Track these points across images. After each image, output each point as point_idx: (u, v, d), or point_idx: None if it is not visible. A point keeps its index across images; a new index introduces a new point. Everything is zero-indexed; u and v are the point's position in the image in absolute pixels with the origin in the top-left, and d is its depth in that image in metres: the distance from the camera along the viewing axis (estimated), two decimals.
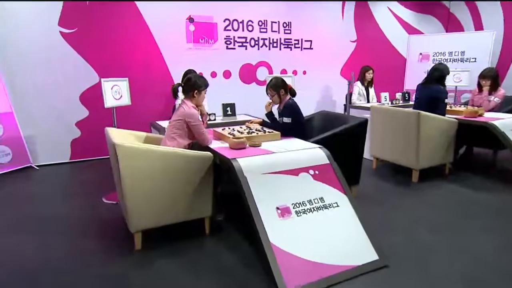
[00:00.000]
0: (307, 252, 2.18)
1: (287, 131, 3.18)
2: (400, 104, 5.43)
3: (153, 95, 5.42)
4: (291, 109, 3.19)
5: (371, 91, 5.93)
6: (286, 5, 6.22)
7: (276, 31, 6.22)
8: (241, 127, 3.36)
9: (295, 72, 6.55)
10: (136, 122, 4.30)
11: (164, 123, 3.86)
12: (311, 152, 2.73)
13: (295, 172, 2.52)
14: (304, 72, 6.67)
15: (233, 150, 2.71)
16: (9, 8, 4.45)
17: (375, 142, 4.44)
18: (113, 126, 4.01)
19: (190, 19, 5.47)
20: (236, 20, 5.85)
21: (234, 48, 5.94)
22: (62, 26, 4.75)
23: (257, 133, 3.04)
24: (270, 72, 6.33)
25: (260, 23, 6.06)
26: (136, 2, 5.10)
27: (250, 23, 5.97)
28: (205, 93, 2.93)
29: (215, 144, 2.93)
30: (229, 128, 3.30)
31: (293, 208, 2.36)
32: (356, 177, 3.46)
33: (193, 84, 2.83)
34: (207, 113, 3.11)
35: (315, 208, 2.41)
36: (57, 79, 4.79)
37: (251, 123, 3.54)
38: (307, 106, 6.67)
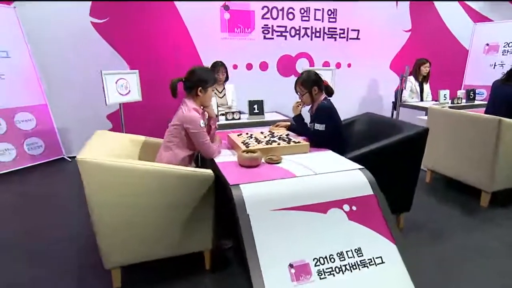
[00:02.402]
0: None
1: (319, 141, 2.23)
2: (462, 104, 4.15)
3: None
4: (326, 113, 2.22)
5: (426, 87, 4.67)
6: None
7: (319, 20, 5.13)
8: (262, 133, 2.47)
9: (338, 65, 5.44)
10: (164, 119, 3.59)
11: None
12: (348, 176, 1.77)
13: (322, 207, 1.60)
14: (349, 65, 5.53)
15: (243, 167, 1.85)
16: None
17: (432, 151, 3.28)
18: (121, 125, 3.36)
19: (225, 7, 4.60)
20: (276, 8, 4.86)
21: (272, 38, 4.98)
22: (93, 16, 4.16)
23: (278, 143, 2.13)
24: (311, 64, 5.30)
25: (302, 11, 5.01)
26: None
27: (291, 10, 4.95)
28: (213, 90, 2.07)
29: (223, 156, 2.08)
30: (247, 134, 2.43)
31: (315, 265, 1.45)
32: (407, 203, 2.42)
33: (197, 79, 1.98)
34: (216, 116, 2.25)
35: (348, 266, 1.49)
36: (89, 71, 4.21)
37: (276, 126, 2.64)
38: (350, 102, 5.58)
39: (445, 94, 4.12)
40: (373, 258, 1.53)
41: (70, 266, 2.09)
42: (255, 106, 3.26)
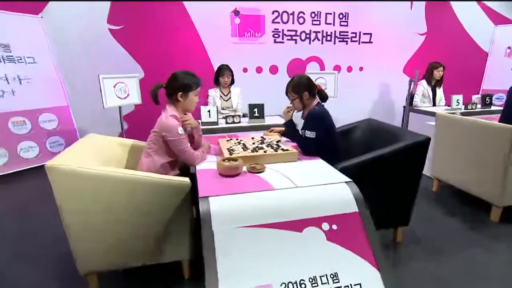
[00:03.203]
0: None
1: (309, 149, 1.99)
2: (477, 110, 3.70)
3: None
4: (316, 120, 1.97)
5: (439, 92, 4.23)
6: None
7: (330, 24, 4.81)
8: (252, 138, 2.25)
9: (349, 69, 5.09)
10: None
11: None
12: (332, 191, 1.52)
13: (297, 225, 1.37)
14: (361, 69, 5.15)
15: (222, 176, 1.65)
16: (64, 9, 3.95)
17: (439, 159, 2.93)
18: (121, 127, 3.26)
19: (236, 12, 4.41)
20: (286, 12, 4.60)
21: (282, 42, 4.72)
22: (111, 24, 4.11)
23: (265, 151, 1.91)
24: (322, 68, 4.99)
25: (313, 15, 4.71)
26: None
27: (301, 14, 4.67)
28: (196, 95, 1.88)
29: (208, 163, 1.89)
30: (237, 139, 2.22)
31: None
32: (405, 217, 2.12)
33: (177, 85, 1.80)
34: (199, 123, 2.05)
35: None
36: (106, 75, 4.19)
37: (271, 131, 2.42)
38: (361, 106, 5.21)
39: (458, 99, 3.69)
40: (350, 285, 1.29)
41: (51, 270, 1.96)
42: (255, 110, 3.05)
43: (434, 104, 4.19)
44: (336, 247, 1.35)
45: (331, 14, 4.75)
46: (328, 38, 4.86)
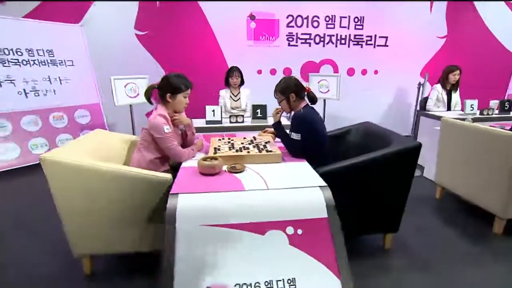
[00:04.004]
0: None
1: (294, 151, 1.89)
2: (493, 116, 3.32)
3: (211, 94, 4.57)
4: (300, 122, 1.86)
5: (455, 96, 3.85)
6: None
7: (345, 27, 4.57)
8: (244, 138, 2.19)
9: (364, 72, 4.81)
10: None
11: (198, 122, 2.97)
12: (304, 194, 1.41)
13: (260, 228, 1.29)
14: (376, 72, 4.85)
15: (203, 175, 1.61)
16: (99, 18, 4.15)
17: (443, 166, 2.65)
18: (132, 124, 3.33)
19: (251, 17, 4.34)
20: (300, 16, 4.45)
21: (296, 45, 4.58)
22: (137, 29, 4.24)
23: (248, 151, 1.83)
24: (336, 70, 4.77)
25: (327, 19, 4.50)
26: (200, 2, 4.21)
27: (315, 18, 4.48)
28: (185, 97, 1.85)
29: (194, 161, 1.85)
30: (229, 139, 2.16)
31: None
32: (394, 224, 1.93)
33: (167, 86, 1.78)
34: (191, 122, 2.01)
35: None
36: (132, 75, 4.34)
37: (264, 132, 2.33)
38: (376, 108, 4.91)
39: (472, 104, 3.32)
40: None
41: (48, 252, 2.01)
42: (258, 111, 2.97)
43: (449, 109, 3.83)
44: (298, 252, 1.26)
45: (346, 18, 4.51)
46: (343, 41, 4.63)
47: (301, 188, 1.44)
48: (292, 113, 1.94)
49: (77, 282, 1.74)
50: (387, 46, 4.72)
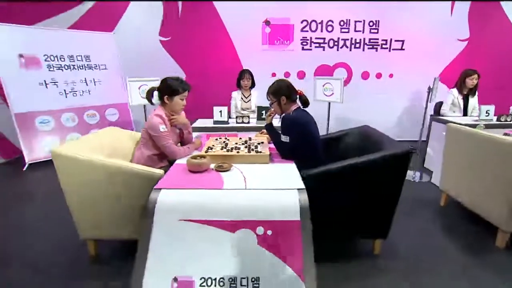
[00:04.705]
0: None
1: (283, 153, 1.84)
2: (509, 123, 2.97)
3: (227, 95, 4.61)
4: (288, 125, 1.80)
5: (472, 101, 3.52)
6: (374, 2, 4.24)
7: (359, 31, 4.37)
8: (240, 139, 2.17)
9: (379, 75, 4.57)
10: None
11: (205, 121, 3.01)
12: (280, 196, 1.37)
13: (231, 226, 1.27)
14: (391, 75, 4.58)
15: (191, 172, 1.62)
16: (130, 26, 4.36)
17: (448, 173, 2.44)
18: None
19: (267, 22, 4.29)
20: (315, 21, 4.32)
21: (310, 49, 4.46)
22: (161, 36, 4.39)
23: (238, 151, 1.82)
24: (350, 74, 4.58)
25: (342, 23, 4.33)
26: (217, 8, 4.26)
27: (330, 23, 4.33)
28: (182, 99, 1.87)
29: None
30: (226, 138, 2.16)
31: (200, 285, 1.16)
32: (383, 230, 1.80)
33: (165, 89, 1.82)
34: (187, 123, 2.03)
35: None
36: (157, 78, 4.50)
37: (261, 133, 2.30)
38: (390, 112, 4.64)
39: (488, 110, 3.01)
40: None
41: (56, 236, 2.11)
42: (263, 112, 2.93)
43: (465, 114, 3.51)
44: (265, 253, 1.22)
45: (360, 22, 4.31)
46: (357, 45, 4.43)
47: (278, 190, 1.39)
48: (283, 115, 1.89)
49: (83, 261, 1.84)
50: (403, 49, 4.44)
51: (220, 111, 2.92)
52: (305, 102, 1.90)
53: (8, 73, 3.62)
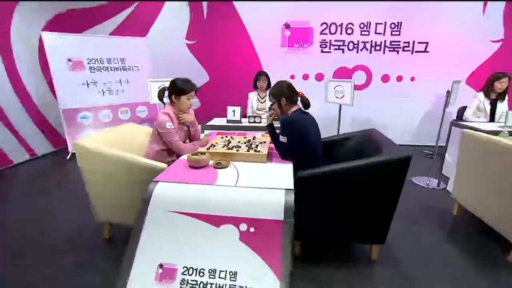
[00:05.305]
0: None
1: (281, 153, 1.81)
2: None
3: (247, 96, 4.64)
4: (285, 126, 1.76)
5: (501, 106, 3.17)
6: (397, 4, 3.98)
7: (380, 33, 4.13)
8: (245, 137, 2.17)
9: (399, 78, 4.29)
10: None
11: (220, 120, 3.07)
12: (267, 195, 1.35)
13: (216, 220, 1.28)
14: (412, 79, 4.28)
15: (191, 168, 1.66)
16: (161, 31, 4.55)
17: (462, 182, 2.22)
18: None
19: (287, 25, 4.24)
20: (335, 24, 4.17)
21: (329, 52, 4.31)
22: (188, 39, 4.53)
23: (237, 150, 1.82)
24: (369, 76, 4.36)
25: (362, 25, 4.13)
26: (239, 12, 4.29)
27: (350, 25, 4.15)
28: (188, 99, 1.92)
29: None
30: (232, 137, 2.17)
31: (182, 273, 1.19)
32: (380, 236, 1.70)
33: (172, 89, 1.88)
34: (194, 121, 2.08)
35: (214, 286, 1.15)
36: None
37: (267, 133, 2.27)
38: (411, 116, 4.35)
39: None
40: (245, 287, 1.14)
41: (74, 221, 2.24)
42: None
43: (492, 120, 3.17)
44: (246, 249, 1.22)
45: (381, 24, 4.07)
46: (377, 47, 4.20)
47: (266, 189, 1.37)
48: (281, 116, 1.86)
49: (98, 242, 1.98)
50: (428, 52, 4.12)
51: (233, 111, 2.94)
52: (306, 104, 1.85)
53: (59, 75, 3.99)
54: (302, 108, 1.86)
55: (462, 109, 3.32)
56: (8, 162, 3.66)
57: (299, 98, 1.86)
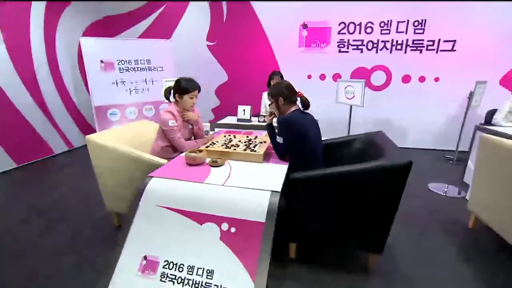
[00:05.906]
0: None
1: (278, 153, 1.75)
2: None
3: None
4: (281, 126, 1.68)
5: None
6: (421, 1, 3.66)
7: (402, 32, 3.84)
8: (247, 137, 2.13)
9: (422, 79, 3.96)
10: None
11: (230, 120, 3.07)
12: (253, 196, 1.30)
13: (200, 218, 1.26)
14: (437, 79, 3.92)
15: (188, 165, 1.66)
16: (184, 34, 4.67)
17: (478, 192, 1.98)
18: None
19: (304, 26, 4.10)
20: (353, 23, 3.95)
21: (347, 51, 4.10)
22: (208, 40, 4.58)
23: (235, 149, 1.79)
24: (389, 77, 4.08)
25: (382, 24, 3.86)
26: (257, 12, 4.24)
27: (369, 24, 3.91)
28: (191, 98, 1.92)
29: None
30: (233, 136, 2.14)
31: (163, 267, 1.19)
32: (377, 244, 1.57)
33: (177, 87, 1.89)
34: (198, 119, 2.08)
35: (191, 282, 1.14)
36: (203, 78, 4.70)
37: None
38: (433, 118, 3.99)
39: None
40: (220, 286, 1.11)
41: (86, 210, 2.34)
42: None
43: None
44: (225, 248, 1.18)
45: (403, 22, 3.78)
46: (398, 47, 3.90)
47: (252, 190, 1.33)
48: (279, 116, 1.78)
49: (108, 229, 2.06)
50: (455, 50, 3.74)
51: (244, 110, 2.92)
52: (306, 104, 1.76)
53: (93, 75, 4.27)
54: (302, 109, 1.77)
55: (491, 113, 2.97)
56: (51, 152, 4.06)
57: (298, 98, 1.77)
